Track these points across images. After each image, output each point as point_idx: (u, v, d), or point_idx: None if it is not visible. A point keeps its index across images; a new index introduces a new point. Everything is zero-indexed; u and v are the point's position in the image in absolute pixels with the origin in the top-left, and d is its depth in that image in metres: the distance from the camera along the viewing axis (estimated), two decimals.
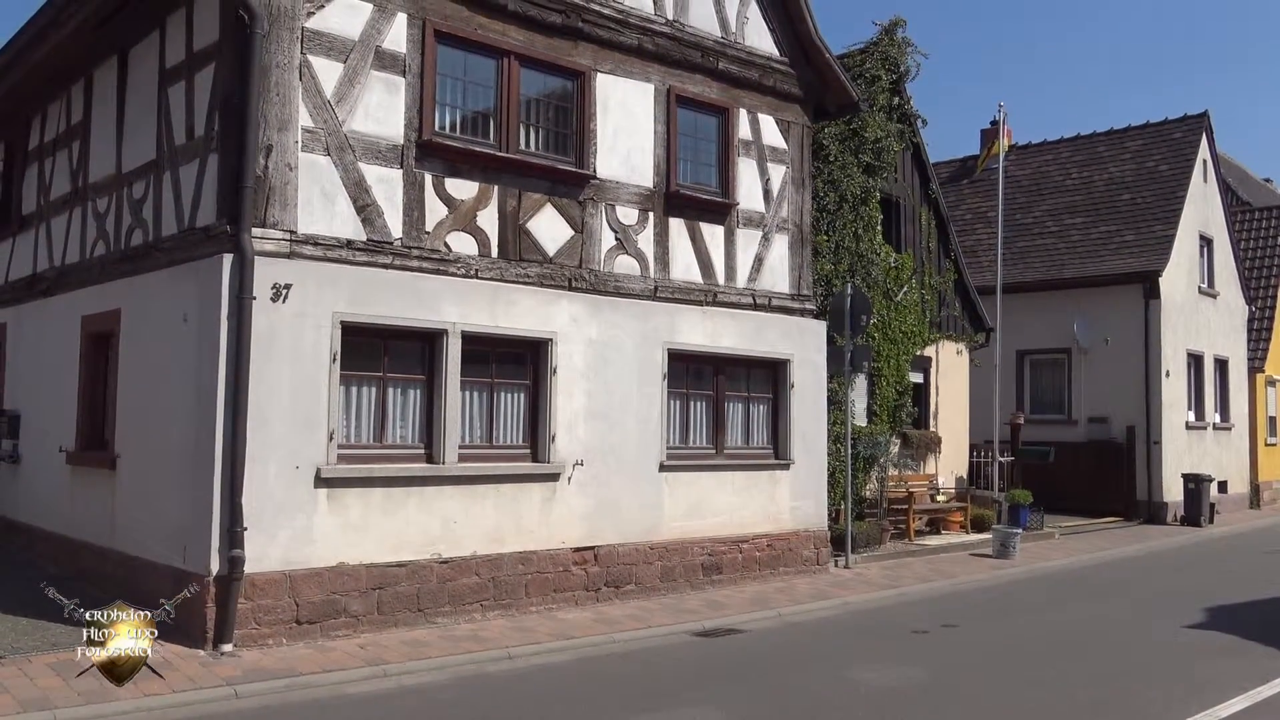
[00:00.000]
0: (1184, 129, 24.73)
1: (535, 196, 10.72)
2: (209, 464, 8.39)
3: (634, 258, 11.57)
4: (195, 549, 8.48)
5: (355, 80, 9.42)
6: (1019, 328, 21.55)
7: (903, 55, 17.56)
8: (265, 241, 8.73)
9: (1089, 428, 22.88)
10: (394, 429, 9.78)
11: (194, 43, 9.58)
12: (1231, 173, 31.12)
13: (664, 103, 11.92)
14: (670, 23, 11.97)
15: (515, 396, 10.66)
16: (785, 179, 13.27)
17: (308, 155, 9.09)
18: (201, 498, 8.43)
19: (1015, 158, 25.80)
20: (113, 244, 10.87)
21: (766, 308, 12.91)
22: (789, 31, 13.24)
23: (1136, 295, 22.27)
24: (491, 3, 10.36)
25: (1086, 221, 24.40)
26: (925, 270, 18.71)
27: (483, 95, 10.51)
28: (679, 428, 12.15)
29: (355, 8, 9.44)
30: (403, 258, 9.65)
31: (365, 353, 9.49)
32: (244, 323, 8.47)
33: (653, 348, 11.61)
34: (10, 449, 12.89)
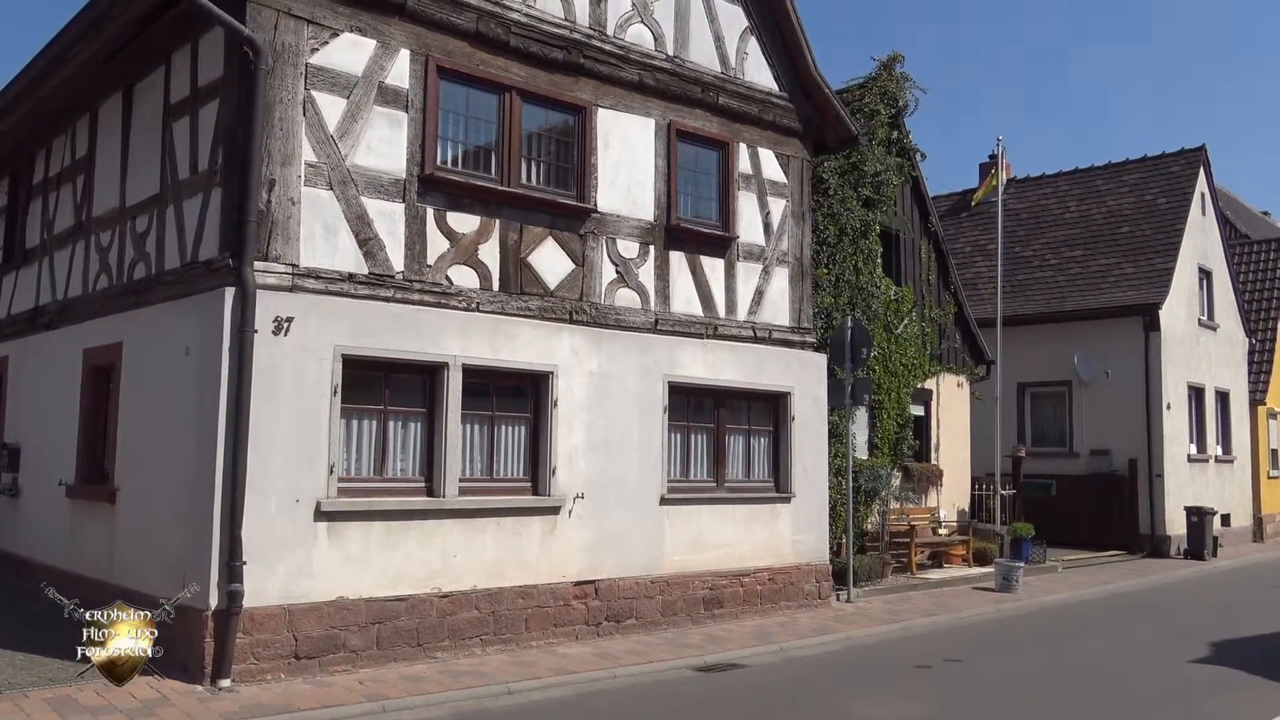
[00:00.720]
0: (1181, 162, 24.88)
1: (536, 230, 10.77)
2: (209, 497, 8.37)
3: (635, 291, 11.60)
4: (195, 582, 8.40)
5: (358, 115, 9.50)
6: (1019, 360, 21.56)
7: (901, 90, 17.71)
8: (267, 275, 8.77)
9: (1090, 460, 22.83)
10: (394, 462, 9.77)
11: (199, 78, 9.67)
12: (1230, 206, 31.27)
13: (664, 137, 12.00)
14: (671, 59, 12.08)
15: (516, 429, 10.65)
16: (785, 212, 13.34)
17: (310, 189, 9.15)
18: (201, 531, 8.40)
19: (1014, 191, 25.95)
20: (115, 277, 10.91)
21: (767, 340, 12.93)
22: (788, 67, 13.36)
23: (1136, 328, 22.30)
24: (494, 39, 10.46)
25: (1086, 254, 24.49)
26: (925, 303, 18.76)
27: (485, 130, 10.59)
28: (680, 461, 12.13)
29: (359, 44, 9.54)
30: (404, 291, 9.68)
31: (366, 385, 9.49)
32: (245, 356, 8.48)
33: (653, 381, 11.61)
34: (10, 482, 12.87)
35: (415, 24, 9.90)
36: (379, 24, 9.66)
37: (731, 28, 12.81)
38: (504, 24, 10.51)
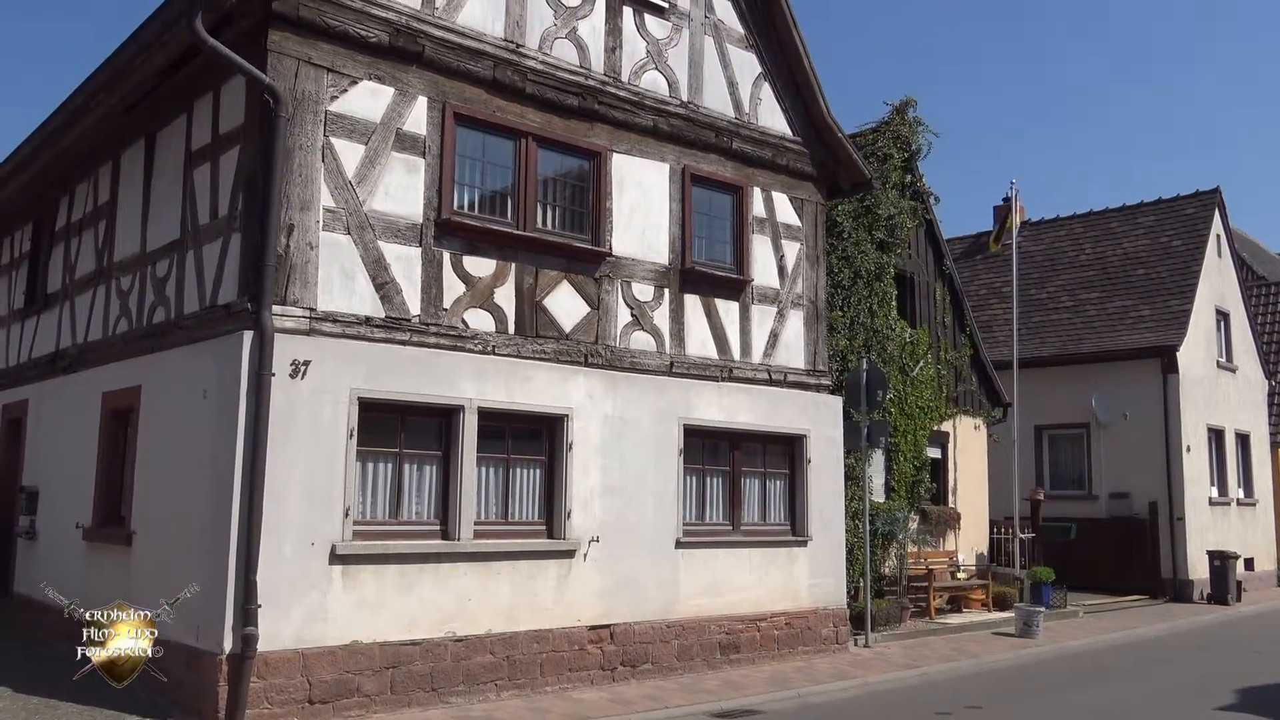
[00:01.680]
0: (1196, 204, 24.86)
1: (552, 273, 10.83)
2: (224, 540, 8.38)
3: (650, 334, 11.64)
4: (209, 626, 8.42)
5: (376, 161, 9.61)
6: (1037, 403, 21.45)
7: (914, 134, 17.82)
8: (285, 319, 8.84)
9: (1110, 504, 22.60)
10: (409, 505, 9.77)
11: (220, 126, 9.82)
12: (1245, 247, 31.19)
13: (679, 181, 12.09)
14: (685, 104, 12.20)
15: (531, 472, 10.64)
16: (800, 255, 13.38)
17: (329, 234, 9.25)
18: (216, 574, 8.39)
19: (1029, 233, 25.96)
20: (135, 321, 11.02)
21: (782, 383, 12.91)
22: (801, 112, 13.47)
23: (1154, 370, 22.16)
24: (510, 86, 10.60)
25: (1102, 296, 24.42)
26: (941, 345, 18.73)
27: (501, 175, 10.70)
28: (695, 504, 12.09)
29: (377, 92, 9.68)
30: (420, 334, 9.73)
31: (382, 428, 9.52)
32: (263, 399, 8.53)
33: (669, 423, 11.60)
34: (27, 525, 12.92)
35: (433, 72, 10.05)
36: (397, 72, 9.81)
37: (745, 73, 12.95)
38: (520, 71, 10.66)
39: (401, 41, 9.79)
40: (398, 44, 9.77)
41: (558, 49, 11.05)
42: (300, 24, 9.17)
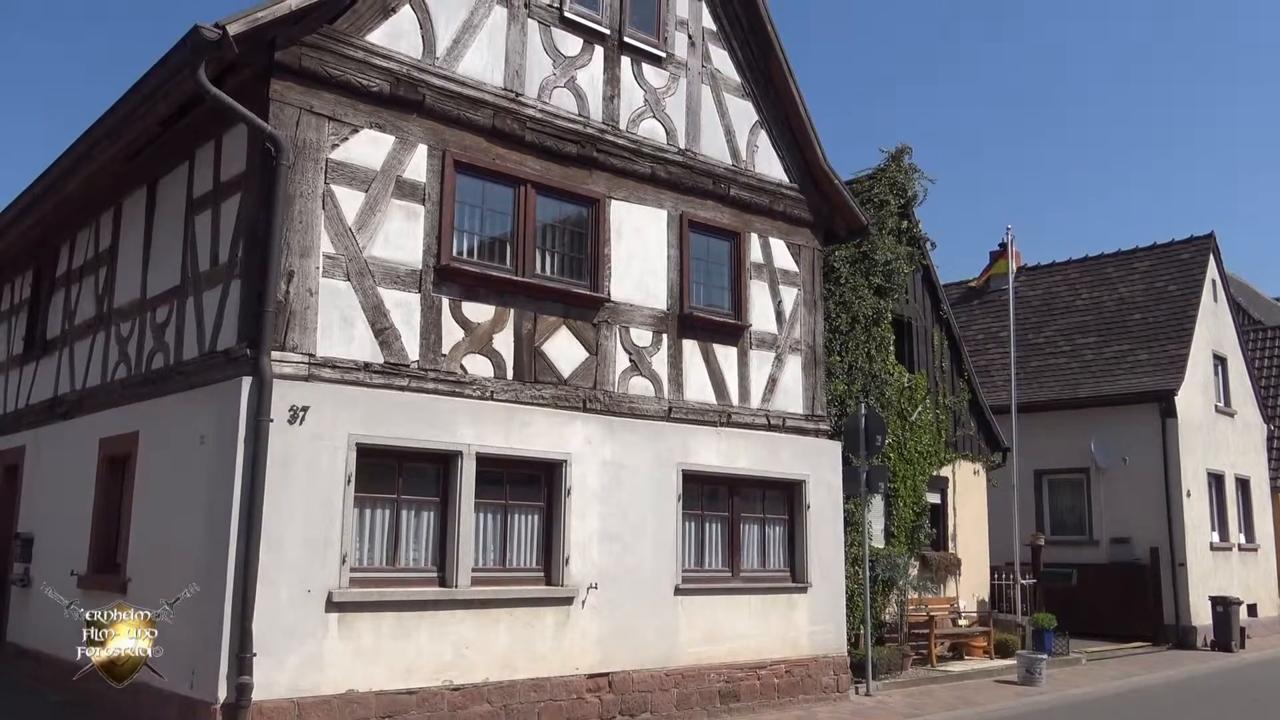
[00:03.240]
0: (1191, 250, 25.01)
1: (550, 319, 10.87)
2: (220, 587, 8.32)
3: (648, 379, 11.65)
4: (203, 675, 8.34)
5: (376, 208, 9.68)
6: (1036, 447, 21.41)
7: (910, 180, 17.96)
8: (284, 364, 8.85)
9: (1111, 549, 22.48)
10: (407, 552, 9.71)
11: (221, 173, 9.90)
12: (1242, 292, 31.33)
13: (677, 228, 12.17)
14: (682, 151, 12.31)
15: (529, 518, 10.60)
16: (797, 301, 13.43)
17: (328, 280, 9.29)
18: (211, 622, 8.32)
19: (1025, 279, 26.09)
20: (134, 367, 11.02)
21: (781, 428, 12.90)
22: (798, 159, 13.60)
23: (1153, 414, 22.15)
24: (510, 134, 10.70)
25: (1099, 341, 24.48)
26: (939, 390, 18.74)
27: (500, 221, 10.77)
28: (694, 550, 12.02)
29: (378, 140, 9.77)
30: (419, 380, 9.74)
31: (380, 474, 9.50)
32: (260, 445, 8.52)
33: (667, 469, 11.58)
34: (22, 573, 12.82)
35: (433, 120, 10.15)
36: (398, 120, 9.91)
37: (742, 121, 13.08)
38: (519, 119, 10.77)
39: (402, 91, 9.91)
40: (399, 93, 9.88)
41: (557, 97, 11.18)
42: (302, 73, 9.29)
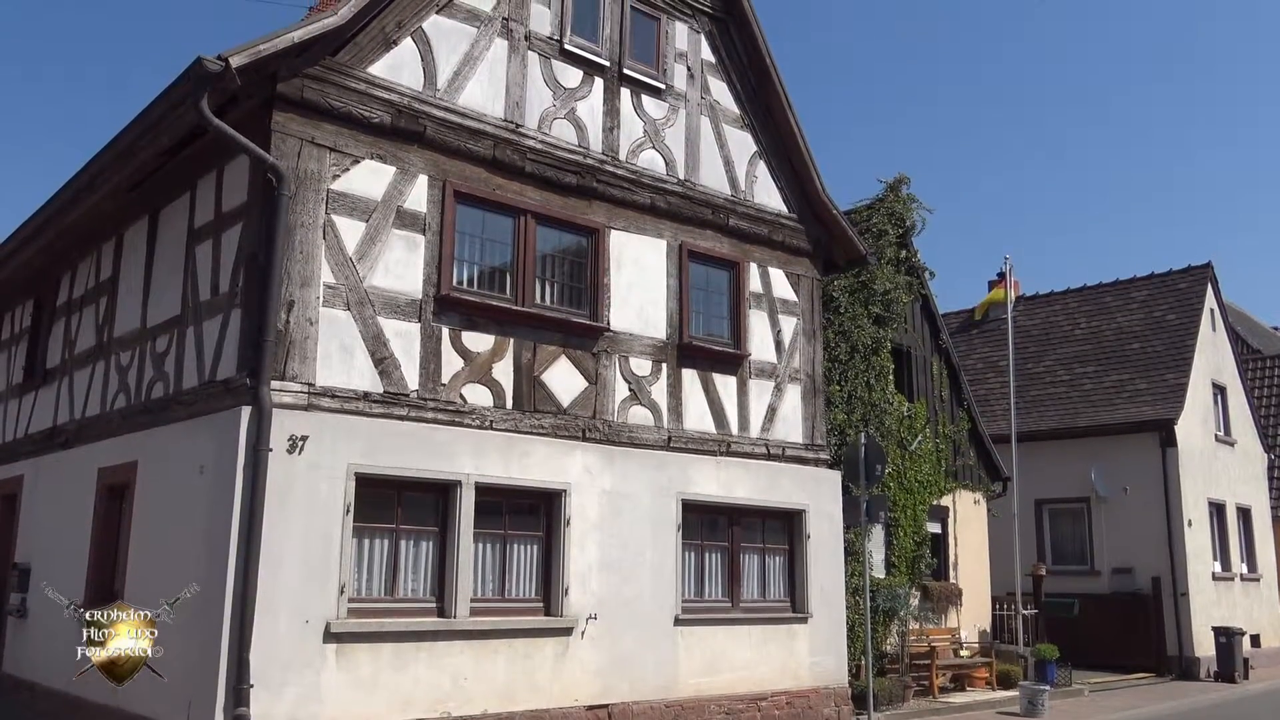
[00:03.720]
0: (1189, 279, 25.07)
1: (550, 349, 10.89)
2: (218, 618, 8.28)
3: (647, 408, 11.65)
4: (200, 706, 8.29)
5: (377, 238, 9.72)
6: (1036, 477, 21.36)
7: (908, 210, 18.05)
8: (283, 394, 8.86)
9: (1113, 579, 22.37)
10: (405, 582, 9.67)
11: (223, 204, 9.95)
12: (1240, 321, 31.37)
13: (676, 258, 12.22)
14: (681, 182, 12.38)
15: (528, 548, 10.57)
16: (796, 330, 13.46)
17: (328, 310, 9.32)
18: (209, 653, 8.28)
19: (1024, 308, 26.14)
20: (133, 396, 11.03)
21: (780, 458, 12.89)
22: (796, 189, 13.67)
23: (1153, 443, 22.11)
24: (510, 165, 10.77)
25: (1098, 370, 24.48)
26: (939, 419, 18.72)
27: (500, 251, 10.81)
28: (694, 580, 11.97)
29: (379, 171, 9.83)
30: (418, 409, 9.74)
31: (379, 504, 9.48)
32: (259, 475, 8.51)
33: (667, 499, 11.55)
34: (19, 603, 12.76)
35: (434, 151, 10.22)
36: (399, 151, 9.97)
37: (740, 152, 13.16)
38: (520, 150, 10.84)
39: (403, 122, 9.98)
40: (400, 124, 9.95)
41: (557, 129, 11.25)
42: (304, 105, 9.36)
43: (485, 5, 10.81)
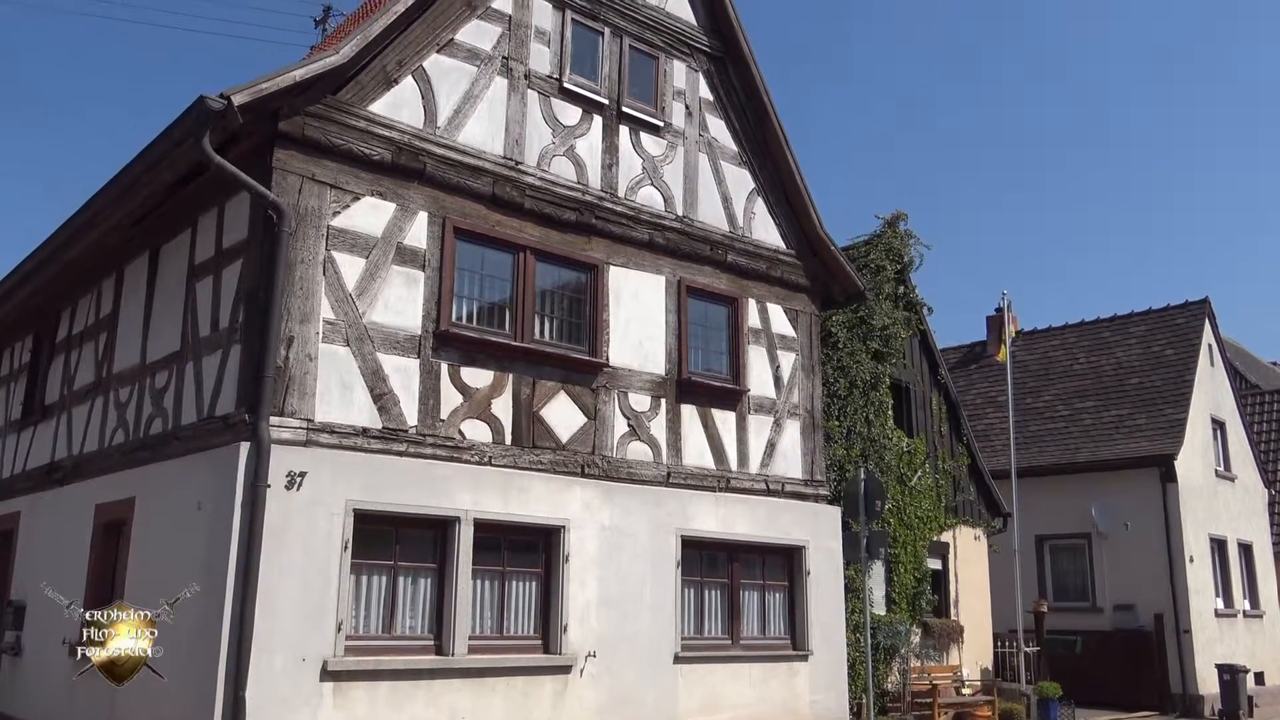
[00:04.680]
0: (1186, 314, 25.13)
1: (549, 384, 10.89)
2: (214, 655, 8.21)
3: (646, 444, 11.63)
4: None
5: (376, 274, 9.76)
6: (1036, 512, 21.29)
7: (906, 246, 18.15)
8: (282, 430, 8.85)
9: (1115, 616, 22.23)
10: (403, 619, 9.61)
11: (223, 240, 10.00)
12: (1238, 357, 31.40)
13: (675, 293, 12.25)
14: (680, 219, 12.45)
15: (527, 585, 10.51)
16: (795, 365, 13.47)
17: (328, 346, 9.33)
18: (204, 691, 8.20)
19: (1022, 343, 26.17)
20: (132, 433, 11.01)
21: (780, 493, 12.85)
22: (794, 225, 13.73)
23: (1153, 479, 22.07)
24: (509, 201, 10.83)
25: (1097, 405, 24.48)
26: (938, 455, 18.70)
27: (499, 287, 10.84)
28: (693, 617, 11.89)
29: (379, 207, 9.89)
30: (417, 445, 9.73)
31: (377, 540, 9.44)
32: (257, 511, 8.48)
33: (666, 535, 11.51)
34: (13, 641, 12.66)
35: (434, 188, 10.28)
36: (399, 188, 10.03)
37: (738, 189, 13.24)
38: (519, 187, 10.90)
39: (404, 159, 10.05)
40: (400, 162, 10.02)
41: (556, 166, 11.33)
42: (305, 142, 9.43)
43: (485, 44, 10.93)
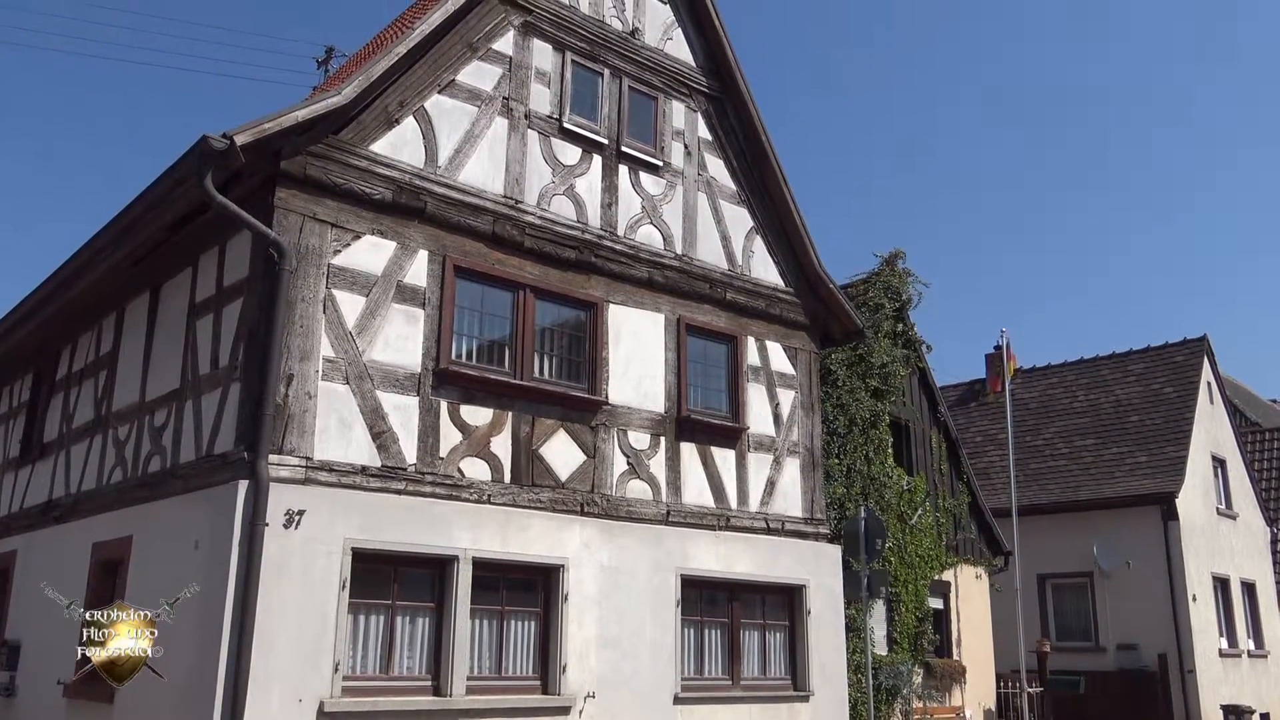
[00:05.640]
0: (1185, 352, 25.20)
1: (548, 422, 10.88)
2: (209, 696, 8.14)
3: (646, 482, 11.60)
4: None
5: (376, 312, 9.79)
6: (1038, 551, 21.21)
7: (904, 284, 18.22)
8: (281, 468, 8.83)
9: (1118, 655, 22.07)
10: (401, 659, 9.53)
11: (224, 279, 10.03)
12: (1238, 394, 31.44)
13: (674, 331, 12.28)
14: (679, 257, 12.50)
15: (525, 624, 10.44)
16: (795, 403, 13.47)
17: (327, 384, 9.34)
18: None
19: (1021, 381, 26.21)
20: (130, 471, 10.99)
21: (780, 532, 12.80)
22: (793, 264, 13.79)
23: (1154, 517, 22.01)
24: (509, 240, 10.89)
25: (1098, 443, 24.46)
26: (939, 493, 18.66)
27: (499, 325, 10.87)
28: (694, 657, 11.80)
29: (379, 246, 9.94)
30: (416, 483, 9.71)
31: (375, 579, 9.38)
32: (255, 550, 8.44)
33: (666, 574, 11.45)
34: (7, 681, 12.55)
35: (434, 227, 10.34)
36: (400, 227, 10.09)
37: (737, 227, 13.31)
38: (519, 226, 10.96)
39: (404, 198, 10.11)
40: (401, 201, 10.09)
41: (555, 204, 11.40)
42: (307, 182, 9.50)
43: (486, 85, 11.04)
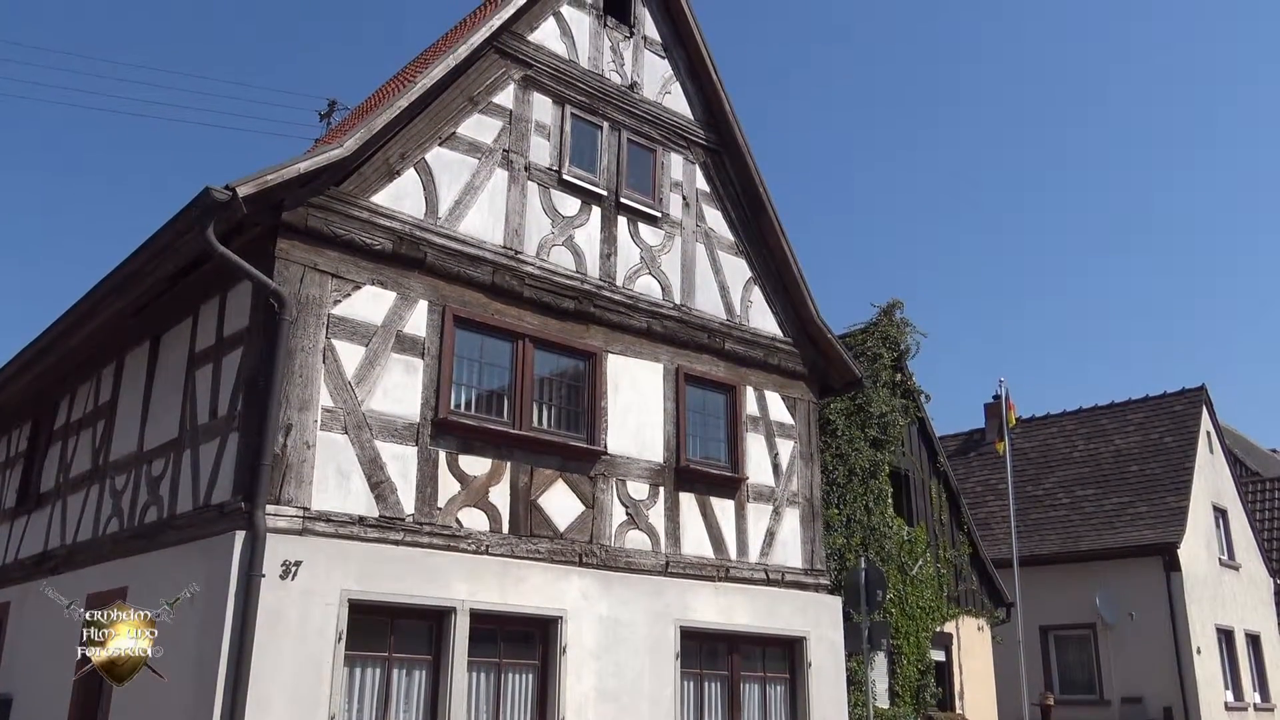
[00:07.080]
0: (1184, 402, 25.22)
1: (547, 472, 10.85)
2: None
3: (645, 533, 11.54)
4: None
5: (376, 362, 9.81)
6: (1040, 602, 21.07)
7: (902, 334, 18.29)
8: (278, 519, 8.79)
9: (1123, 709, 21.81)
10: (397, 712, 9.41)
11: (224, 328, 10.06)
12: (1238, 444, 31.40)
13: (673, 381, 12.29)
14: (677, 307, 12.55)
15: (523, 677, 10.32)
16: (794, 453, 13.44)
17: (326, 434, 9.32)
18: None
19: (1021, 431, 26.19)
20: (126, 521, 10.93)
21: (780, 583, 12.71)
22: (791, 314, 13.84)
23: (1157, 568, 21.88)
24: (509, 290, 10.94)
25: (1098, 493, 24.39)
26: (939, 543, 18.56)
27: (498, 375, 10.88)
28: (693, 710, 11.64)
29: (379, 296, 9.98)
30: (414, 534, 9.66)
31: (371, 631, 9.29)
32: (251, 601, 8.37)
33: (665, 625, 11.35)
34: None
35: (434, 277, 10.39)
36: (400, 277, 10.14)
37: (735, 278, 13.38)
38: (518, 276, 11.02)
39: (404, 249, 10.18)
40: (401, 251, 10.15)
41: (555, 255, 11.47)
42: (308, 233, 9.56)
43: (487, 138, 11.16)
